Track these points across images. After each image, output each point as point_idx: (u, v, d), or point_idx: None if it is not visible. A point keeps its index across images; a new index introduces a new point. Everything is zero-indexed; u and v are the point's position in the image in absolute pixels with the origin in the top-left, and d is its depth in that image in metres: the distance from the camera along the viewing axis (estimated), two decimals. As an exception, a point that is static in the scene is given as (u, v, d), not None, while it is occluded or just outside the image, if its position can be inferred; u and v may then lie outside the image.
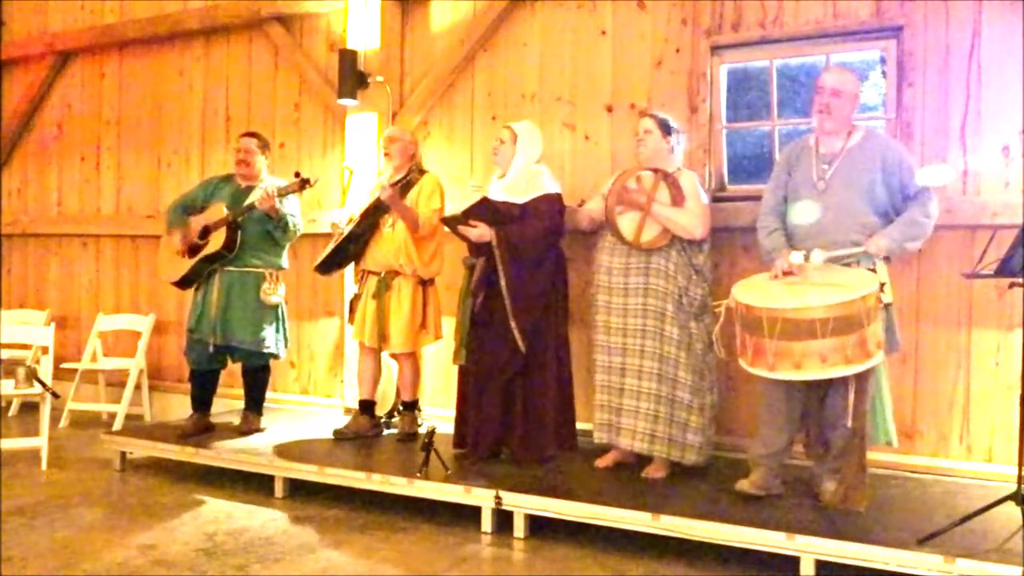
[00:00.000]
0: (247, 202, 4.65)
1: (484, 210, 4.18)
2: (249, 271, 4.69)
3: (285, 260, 4.87)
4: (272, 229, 4.67)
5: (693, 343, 3.85)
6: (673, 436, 3.83)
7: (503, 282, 4.07)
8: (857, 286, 3.18)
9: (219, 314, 4.63)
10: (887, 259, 3.46)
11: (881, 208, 3.46)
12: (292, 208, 4.73)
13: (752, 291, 3.38)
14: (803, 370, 3.17)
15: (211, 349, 4.66)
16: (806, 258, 3.37)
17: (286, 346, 4.87)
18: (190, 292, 4.88)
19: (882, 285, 3.32)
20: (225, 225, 4.61)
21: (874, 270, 3.36)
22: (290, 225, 4.69)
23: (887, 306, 3.37)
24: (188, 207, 4.86)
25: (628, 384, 3.89)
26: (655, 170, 3.97)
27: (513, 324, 4.05)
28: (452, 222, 4.25)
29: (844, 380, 3.32)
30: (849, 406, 3.33)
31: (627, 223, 3.93)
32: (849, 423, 3.35)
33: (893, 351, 3.49)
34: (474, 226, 4.14)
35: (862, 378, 3.29)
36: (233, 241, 4.60)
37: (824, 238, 3.43)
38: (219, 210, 4.70)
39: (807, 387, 3.45)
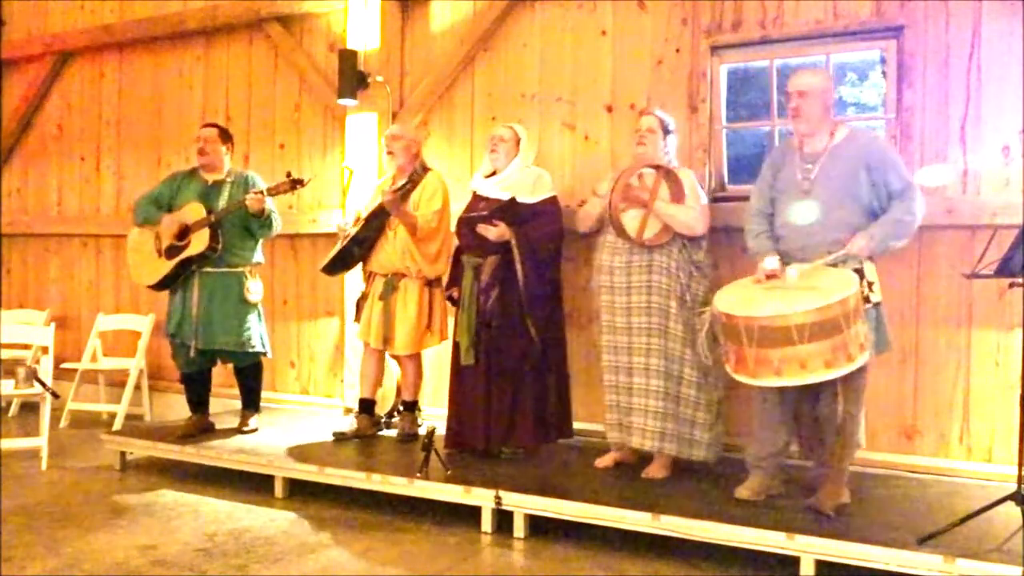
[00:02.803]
0: (222, 200, 4.59)
1: (502, 210, 4.20)
2: (229, 271, 4.64)
3: (259, 254, 4.83)
4: (256, 228, 4.64)
5: (697, 339, 3.83)
6: (681, 433, 3.85)
7: (521, 279, 4.13)
8: (835, 290, 3.12)
9: (201, 317, 4.58)
10: (871, 257, 3.40)
11: (866, 205, 3.42)
12: (272, 204, 4.68)
13: (733, 297, 3.35)
14: (784, 376, 3.13)
15: (192, 353, 4.63)
16: (782, 265, 3.36)
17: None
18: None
19: (870, 284, 3.29)
20: (207, 225, 4.54)
21: (860, 269, 3.31)
22: (274, 222, 4.67)
23: (877, 305, 3.34)
24: (157, 204, 4.76)
25: (636, 383, 3.89)
26: (656, 167, 3.97)
27: (530, 320, 4.12)
28: (472, 222, 4.26)
29: (833, 383, 3.27)
30: (839, 409, 3.31)
31: (630, 220, 3.93)
32: (835, 426, 3.32)
33: (882, 351, 3.45)
34: (495, 225, 4.17)
35: (851, 381, 3.25)
36: (217, 241, 4.55)
37: (811, 238, 3.41)
38: (196, 209, 4.59)
39: (798, 390, 3.40)
